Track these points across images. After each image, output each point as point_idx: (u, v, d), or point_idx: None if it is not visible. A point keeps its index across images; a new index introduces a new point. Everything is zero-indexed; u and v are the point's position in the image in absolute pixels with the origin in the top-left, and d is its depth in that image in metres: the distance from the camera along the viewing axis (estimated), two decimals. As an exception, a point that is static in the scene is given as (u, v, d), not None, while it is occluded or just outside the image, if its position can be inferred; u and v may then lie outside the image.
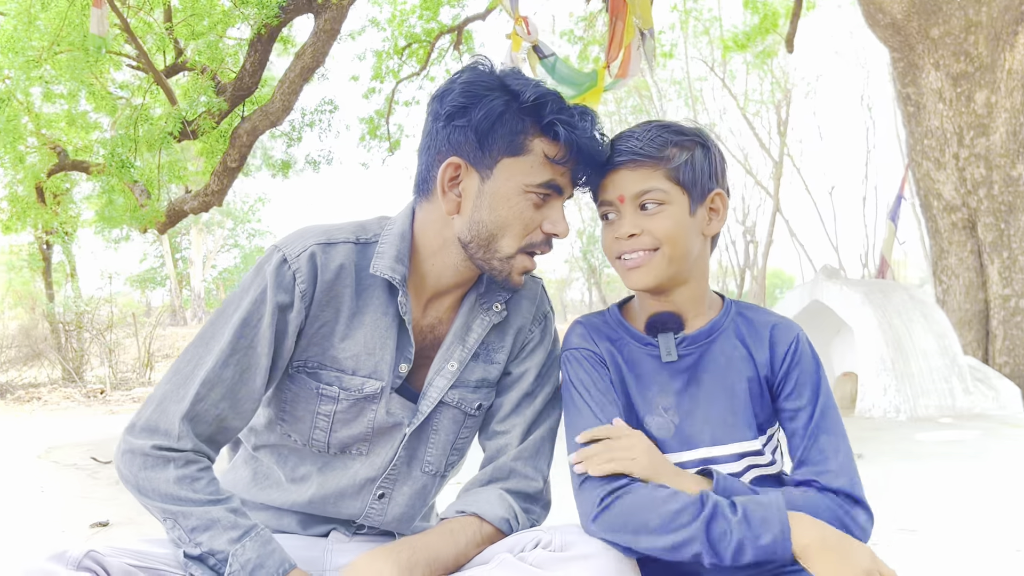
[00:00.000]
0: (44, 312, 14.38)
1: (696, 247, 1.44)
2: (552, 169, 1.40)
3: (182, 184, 10.71)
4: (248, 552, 1.31)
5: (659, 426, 1.44)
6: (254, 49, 8.93)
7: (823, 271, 6.77)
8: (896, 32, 7.32)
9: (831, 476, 1.37)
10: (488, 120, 1.36)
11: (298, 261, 1.41)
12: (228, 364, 1.36)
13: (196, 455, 1.35)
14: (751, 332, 1.49)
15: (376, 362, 1.45)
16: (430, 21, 12.86)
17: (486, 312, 1.53)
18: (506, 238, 1.41)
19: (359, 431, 1.48)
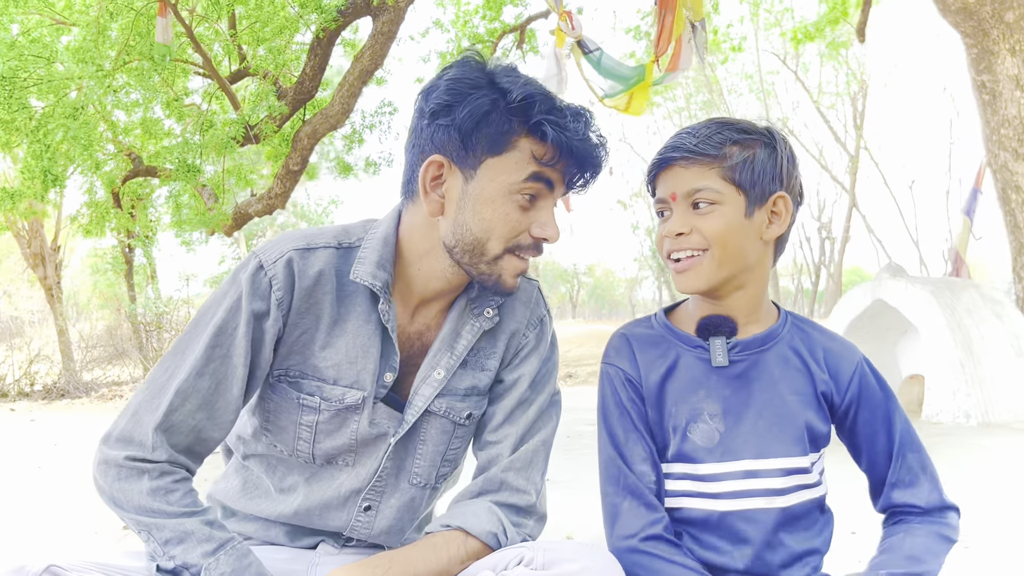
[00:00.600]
0: (127, 313, 14.95)
1: (753, 251, 1.36)
2: (539, 166, 1.34)
3: (249, 188, 10.99)
4: (222, 566, 1.27)
5: (703, 433, 1.37)
6: (314, 53, 9.08)
7: (887, 269, 6.48)
8: (968, 17, 6.98)
9: (925, 494, 1.39)
10: (473, 119, 1.30)
11: (275, 268, 1.37)
12: (203, 374, 1.33)
13: (172, 466, 1.31)
14: (809, 347, 1.42)
15: (358, 371, 1.41)
16: (493, 21, 12.89)
17: (476, 318, 1.47)
18: (492, 241, 1.35)
19: (343, 442, 1.43)
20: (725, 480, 1.36)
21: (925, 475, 1.40)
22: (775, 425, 1.37)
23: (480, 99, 1.31)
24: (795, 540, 1.38)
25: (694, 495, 1.38)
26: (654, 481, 1.40)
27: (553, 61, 5.25)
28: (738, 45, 15.02)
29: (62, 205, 17.18)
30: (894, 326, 6.73)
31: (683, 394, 1.40)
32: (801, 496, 1.38)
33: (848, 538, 3.03)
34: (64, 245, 19.52)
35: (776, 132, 1.39)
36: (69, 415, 9.28)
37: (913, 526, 1.37)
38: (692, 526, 1.38)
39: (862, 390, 1.42)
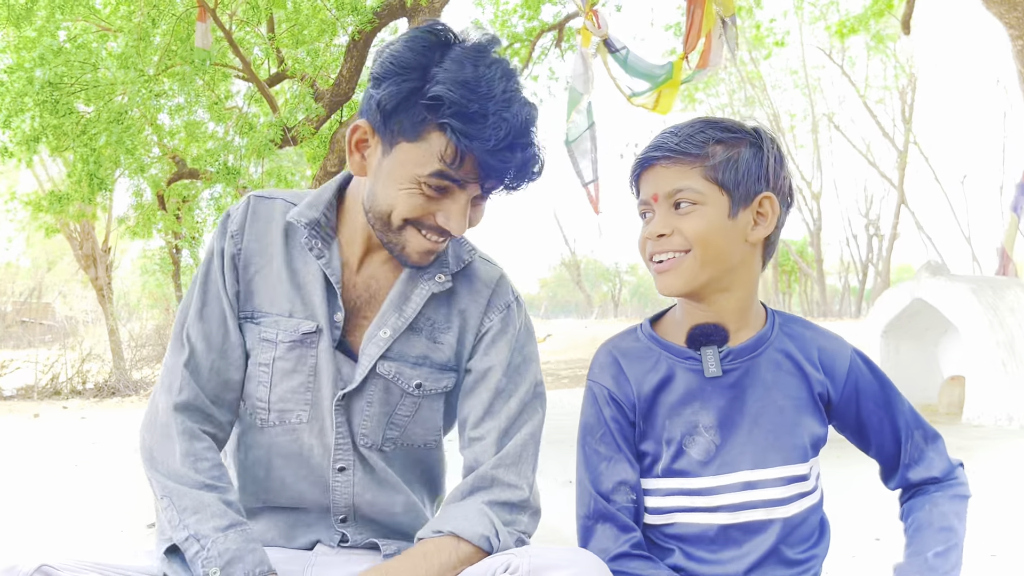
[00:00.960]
0: (175, 313, 15.28)
1: (737, 253, 1.33)
2: (444, 165, 1.32)
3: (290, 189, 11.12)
4: (229, 543, 1.32)
5: (699, 447, 1.34)
6: (350, 55, 9.16)
7: (926, 267, 6.32)
8: (1012, 8, 6.79)
9: (938, 465, 1.41)
10: (392, 101, 1.31)
11: (235, 211, 1.51)
12: (203, 317, 1.47)
13: (201, 423, 1.43)
14: (801, 347, 1.39)
15: (311, 306, 1.47)
16: (532, 20, 12.89)
17: (427, 281, 1.49)
18: (394, 214, 1.37)
19: (298, 382, 1.46)
20: (723, 493, 1.33)
21: (931, 446, 1.42)
22: (772, 433, 1.34)
23: (404, 83, 1.30)
24: (795, 550, 1.35)
25: (689, 510, 1.35)
26: (631, 502, 1.37)
27: (579, 60, 5.23)
28: (781, 40, 14.82)
29: (112, 207, 17.62)
30: (934, 325, 6.57)
31: (676, 408, 1.37)
32: (801, 504, 1.35)
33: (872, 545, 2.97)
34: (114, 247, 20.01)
35: (764, 132, 1.36)
36: (118, 413, 9.51)
37: (934, 496, 1.39)
38: (686, 541, 1.36)
39: (859, 383, 1.39)
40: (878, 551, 2.84)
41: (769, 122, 27.00)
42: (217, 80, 10.73)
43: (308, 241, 1.46)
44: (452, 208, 1.37)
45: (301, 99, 9.16)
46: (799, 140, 28.61)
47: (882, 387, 1.42)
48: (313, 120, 9.19)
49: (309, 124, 9.13)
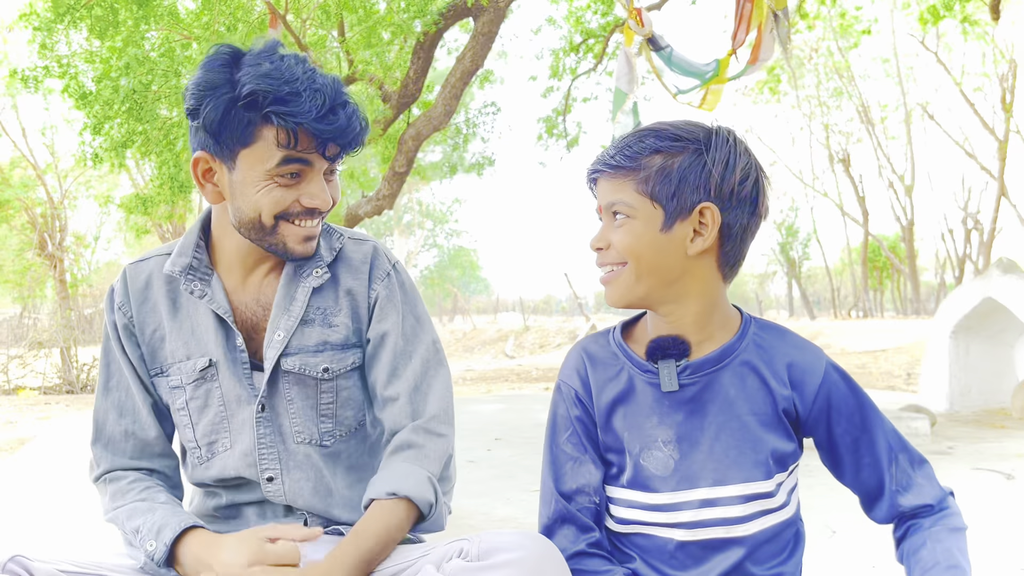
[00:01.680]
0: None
1: (675, 267, 1.29)
2: (285, 150, 1.42)
3: (362, 189, 11.37)
4: (156, 518, 1.45)
5: (657, 461, 1.33)
6: (416, 56, 9.28)
7: (998, 264, 5.97)
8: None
9: (929, 491, 1.34)
10: (215, 118, 1.41)
11: (116, 283, 1.63)
12: (109, 389, 1.60)
13: (123, 472, 1.57)
14: (769, 360, 1.34)
15: (203, 343, 1.57)
16: (606, 15, 12.79)
17: (305, 279, 1.57)
18: (263, 216, 1.46)
19: (214, 413, 1.57)
20: (681, 510, 1.31)
21: (919, 471, 1.35)
22: (733, 449, 1.31)
23: (218, 99, 1.40)
24: (763, 567, 1.32)
25: (649, 524, 1.33)
26: (592, 503, 1.36)
27: (623, 60, 5.17)
28: (868, 28, 14.28)
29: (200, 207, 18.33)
30: (1010, 327, 6.21)
31: (635, 420, 1.35)
32: (765, 522, 1.31)
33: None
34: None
35: (718, 135, 1.28)
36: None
37: (933, 532, 1.31)
38: (647, 553, 1.34)
39: (831, 400, 1.33)
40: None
41: (858, 113, 26.09)
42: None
43: (188, 286, 1.55)
44: (311, 187, 1.47)
45: (369, 101, 9.32)
46: (891, 131, 27.52)
47: (859, 406, 1.35)
48: (381, 122, 9.34)
49: (377, 126, 9.29)
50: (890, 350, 15.15)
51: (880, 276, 32.58)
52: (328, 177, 1.51)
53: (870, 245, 29.67)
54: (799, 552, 1.39)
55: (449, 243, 37.81)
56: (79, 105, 8.57)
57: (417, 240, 37.41)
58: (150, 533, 1.42)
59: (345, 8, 9.38)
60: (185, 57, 9.08)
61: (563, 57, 13.36)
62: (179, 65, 9.20)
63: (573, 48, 13.15)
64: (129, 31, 8.88)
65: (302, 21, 9.88)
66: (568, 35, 13.24)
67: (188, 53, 9.29)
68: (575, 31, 13.09)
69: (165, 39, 9.76)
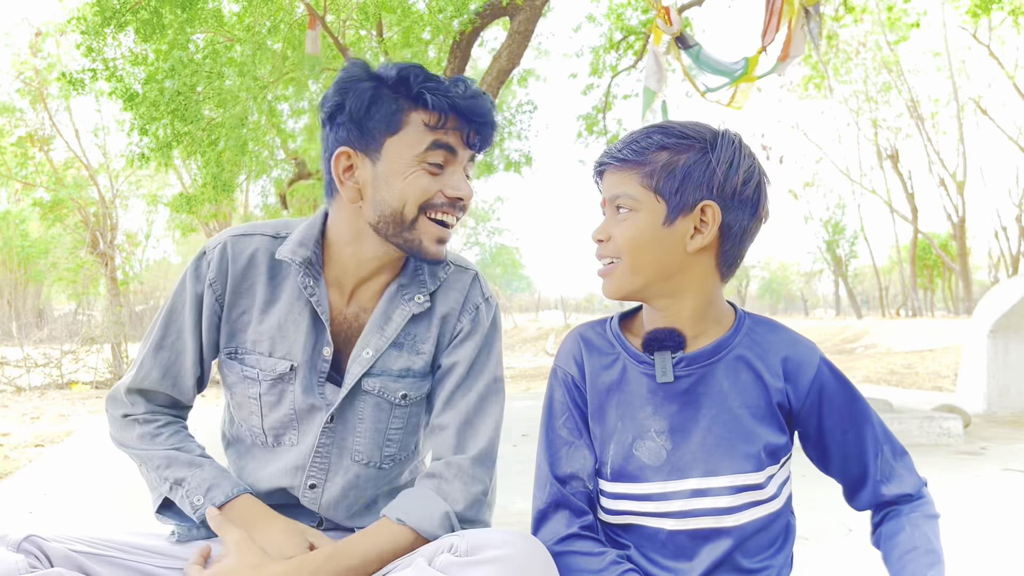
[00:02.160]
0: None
1: (674, 262, 1.31)
2: (434, 133, 1.44)
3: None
4: (205, 474, 1.50)
5: (649, 451, 1.35)
6: (453, 55, 9.33)
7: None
8: None
9: (910, 481, 1.38)
10: (362, 106, 1.43)
11: (212, 252, 1.56)
12: (162, 347, 1.57)
13: (153, 415, 1.57)
14: (763, 354, 1.36)
15: (289, 344, 1.54)
16: (647, 11, 12.72)
17: (407, 303, 1.56)
18: (407, 206, 1.46)
19: (284, 413, 1.56)
20: (672, 499, 1.32)
21: (900, 462, 1.39)
22: (725, 441, 1.32)
23: (364, 89, 1.44)
24: (752, 559, 1.34)
25: (639, 514, 1.35)
26: (587, 488, 1.39)
27: (652, 59, 5.14)
28: (916, 21, 13.98)
29: (246, 205, 18.68)
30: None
31: (629, 410, 1.37)
32: (754, 513, 1.33)
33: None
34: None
35: (723, 136, 1.31)
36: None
37: (911, 517, 1.35)
38: (640, 543, 1.36)
39: (823, 395, 1.35)
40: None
41: (907, 108, 25.56)
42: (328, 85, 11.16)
43: (302, 280, 1.52)
44: (454, 177, 1.48)
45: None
46: (941, 127, 26.91)
47: (850, 400, 1.37)
48: (418, 120, 9.42)
49: (414, 124, 9.37)
50: (938, 350, 14.84)
51: (930, 275, 31.90)
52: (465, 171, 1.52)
53: (920, 243, 29.08)
54: (789, 544, 1.40)
55: (491, 241, 38.06)
56: (127, 107, 8.80)
57: (459, 238, 37.70)
58: (198, 489, 1.47)
59: (383, 8, 9.49)
60: (228, 59, 9.26)
61: (603, 54, 13.33)
62: (222, 67, 9.40)
63: (613, 45, 13.12)
64: (175, 34, 9.08)
65: (342, 22, 10.01)
66: (608, 32, 13.20)
67: (231, 55, 9.48)
68: (615, 28, 13.06)
69: (209, 41, 9.96)
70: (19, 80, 18.81)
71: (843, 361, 14.93)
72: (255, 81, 8.67)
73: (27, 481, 4.28)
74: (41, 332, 15.02)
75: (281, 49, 9.33)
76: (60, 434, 6.70)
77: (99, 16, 7.94)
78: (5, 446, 6.05)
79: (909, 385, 10.58)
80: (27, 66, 18.78)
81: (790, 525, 1.41)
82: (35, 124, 19.67)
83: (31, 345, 13.42)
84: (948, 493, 3.81)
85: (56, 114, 20.19)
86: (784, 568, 1.38)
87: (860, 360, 14.87)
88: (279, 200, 13.03)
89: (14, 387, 11.40)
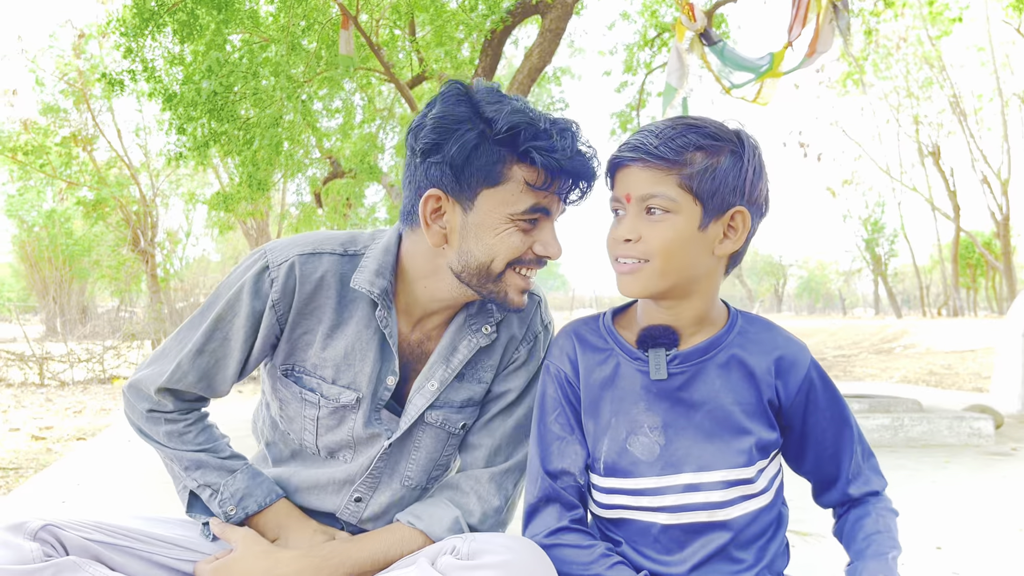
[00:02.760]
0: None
1: (702, 265, 1.31)
2: (535, 194, 1.36)
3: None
4: (237, 483, 1.50)
5: (642, 447, 1.36)
6: (485, 54, 9.36)
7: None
8: None
9: (876, 480, 1.43)
10: (462, 154, 1.33)
11: (277, 271, 1.46)
12: (203, 352, 1.49)
13: (180, 414, 1.53)
14: (756, 352, 1.38)
15: (355, 373, 1.49)
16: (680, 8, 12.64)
17: (474, 334, 1.53)
18: (496, 262, 1.40)
19: (342, 437, 1.53)
20: (665, 494, 1.34)
21: (868, 463, 1.43)
22: (717, 437, 1.34)
23: (467, 134, 1.33)
24: (745, 551, 1.35)
25: (632, 508, 1.37)
26: (577, 483, 1.41)
27: (674, 55, 5.12)
28: (959, 15, 13.72)
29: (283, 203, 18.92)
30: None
31: (622, 405, 1.38)
32: (746, 507, 1.34)
33: (934, 553, 2.79)
34: (286, 242, 21.23)
35: (747, 139, 1.31)
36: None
37: (877, 507, 1.40)
38: (633, 538, 1.38)
39: (810, 395, 1.37)
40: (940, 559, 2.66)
41: (949, 104, 25.07)
42: (367, 83, 11.29)
43: (379, 313, 1.47)
44: (545, 234, 1.41)
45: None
46: (985, 123, 26.34)
47: (834, 401, 1.40)
48: (450, 119, 9.46)
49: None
50: (980, 350, 14.54)
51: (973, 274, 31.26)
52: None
53: (962, 241, 28.50)
54: (781, 534, 1.42)
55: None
56: (165, 107, 8.97)
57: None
58: (231, 499, 1.48)
59: (416, 7, 9.56)
60: (264, 59, 9.39)
61: (637, 51, 13.27)
62: (258, 67, 9.53)
63: (647, 42, 13.06)
64: (211, 35, 9.23)
65: (375, 21, 10.11)
66: (642, 29, 13.14)
67: (266, 55, 9.61)
68: (649, 25, 13.00)
69: (245, 42, 10.11)
70: (63, 81, 19.26)
71: (880, 361, 14.71)
72: (289, 81, 8.78)
73: (64, 472, 4.40)
74: (84, 328, 15.36)
75: (315, 49, 9.44)
76: (101, 428, 6.86)
77: (138, 18, 8.10)
78: (48, 439, 6.21)
79: (949, 386, 10.39)
80: (71, 67, 19.22)
81: (782, 515, 1.42)
82: (79, 124, 20.12)
83: (75, 341, 13.72)
84: (974, 493, 3.75)
85: (99, 114, 20.66)
86: (779, 557, 1.40)
87: (898, 360, 14.63)
88: (314, 198, 13.19)
89: (58, 382, 11.68)
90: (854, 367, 13.90)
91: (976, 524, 3.20)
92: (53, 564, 1.25)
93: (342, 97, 10.17)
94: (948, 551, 2.80)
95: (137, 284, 24.43)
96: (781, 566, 1.40)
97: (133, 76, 8.45)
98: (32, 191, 25.51)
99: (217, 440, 1.56)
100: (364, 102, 12.16)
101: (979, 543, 2.90)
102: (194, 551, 1.47)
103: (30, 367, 11.79)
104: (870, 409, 5.24)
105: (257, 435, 1.73)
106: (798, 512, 3.36)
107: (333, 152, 12.41)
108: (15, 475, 4.72)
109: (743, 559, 1.34)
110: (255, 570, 1.38)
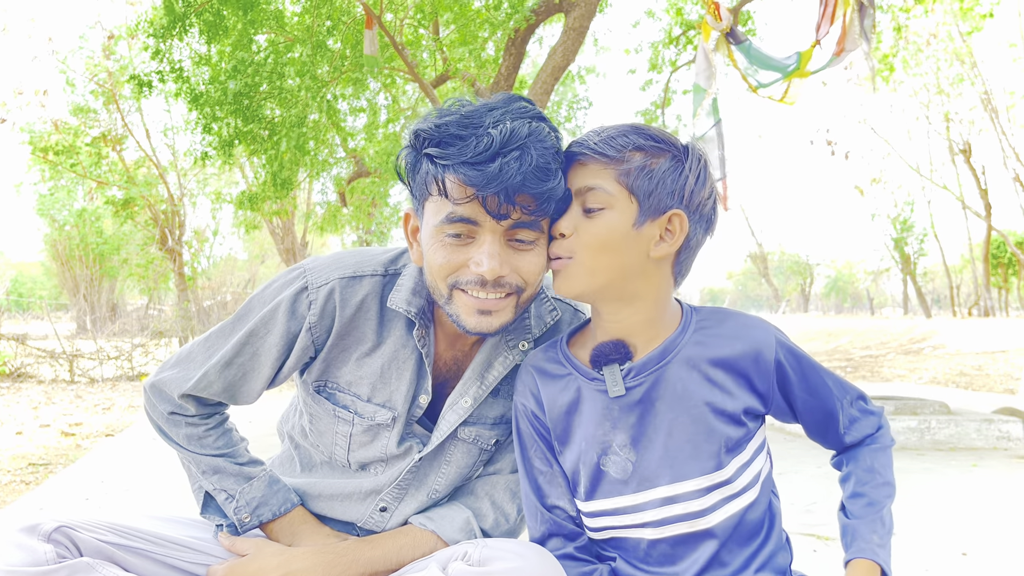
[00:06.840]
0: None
1: (635, 266, 1.30)
2: (447, 203, 1.27)
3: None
4: (253, 491, 1.50)
5: (616, 466, 1.35)
6: (508, 53, 9.36)
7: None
8: None
9: (868, 423, 1.43)
10: (407, 168, 1.34)
11: (316, 293, 1.44)
12: (231, 365, 1.47)
13: (202, 418, 1.53)
14: (712, 348, 1.35)
15: (391, 392, 1.49)
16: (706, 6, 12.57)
17: (510, 350, 1.51)
18: (436, 281, 1.35)
19: (375, 454, 1.53)
20: (645, 510, 1.33)
21: (858, 407, 1.43)
22: (687, 443, 1.32)
23: (408, 148, 1.35)
24: (737, 553, 1.34)
25: (618, 527, 1.36)
26: (572, 513, 1.41)
27: (701, 56, 5.08)
28: (990, 11, 13.52)
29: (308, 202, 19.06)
30: None
31: (590, 428, 1.37)
32: (729, 509, 1.32)
33: (960, 559, 2.74)
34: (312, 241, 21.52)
35: (693, 150, 1.32)
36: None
37: (872, 449, 1.42)
38: (627, 554, 1.38)
39: (786, 371, 1.35)
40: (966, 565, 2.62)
41: (981, 101, 24.69)
42: (391, 82, 11.34)
43: (418, 333, 1.45)
44: (479, 251, 1.29)
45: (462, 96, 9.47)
46: (1017, 120, 25.90)
47: (807, 370, 1.38)
48: (473, 118, 9.47)
49: (470, 122, 9.42)
50: (1011, 351, 14.31)
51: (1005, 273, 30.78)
52: (516, 245, 1.31)
53: (994, 240, 28.07)
54: (776, 528, 1.39)
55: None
56: (191, 106, 9.07)
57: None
58: (246, 507, 1.49)
59: (440, 7, 9.58)
60: (289, 59, 9.46)
61: (662, 50, 13.21)
62: (283, 67, 9.60)
63: (672, 40, 13.00)
64: (237, 35, 9.32)
65: (399, 21, 10.14)
66: (668, 27, 13.09)
67: (291, 55, 9.68)
68: (675, 23, 12.94)
69: (271, 42, 10.19)
70: (93, 82, 19.53)
71: (909, 362, 14.52)
72: (314, 80, 8.84)
73: (89, 468, 4.46)
74: (114, 326, 15.56)
75: (340, 49, 9.49)
76: (128, 424, 6.95)
77: (167, 19, 8.19)
78: (77, 435, 6.30)
79: (979, 388, 10.24)
80: (100, 68, 19.48)
81: (773, 509, 1.40)
82: (108, 124, 20.39)
83: (104, 338, 13.91)
84: (1001, 498, 3.69)
85: (128, 115, 20.90)
86: (779, 552, 1.37)
87: (927, 361, 14.44)
88: (339, 198, 13.26)
89: (88, 378, 11.85)
90: (881, 367, 13.74)
91: (1003, 530, 3.15)
92: (67, 565, 1.26)
93: (367, 96, 10.20)
94: (974, 557, 2.76)
95: (165, 282, 24.71)
96: (784, 561, 1.37)
97: (162, 77, 8.54)
98: (63, 190, 25.93)
99: (236, 445, 1.56)
100: (388, 102, 12.21)
101: (1006, 549, 2.86)
102: (207, 554, 1.48)
103: (61, 364, 11.98)
104: (896, 411, 5.17)
105: (282, 435, 1.73)
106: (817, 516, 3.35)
107: (358, 151, 12.47)
108: (44, 471, 4.79)
109: (738, 563, 1.33)
110: (269, 565, 1.40)
